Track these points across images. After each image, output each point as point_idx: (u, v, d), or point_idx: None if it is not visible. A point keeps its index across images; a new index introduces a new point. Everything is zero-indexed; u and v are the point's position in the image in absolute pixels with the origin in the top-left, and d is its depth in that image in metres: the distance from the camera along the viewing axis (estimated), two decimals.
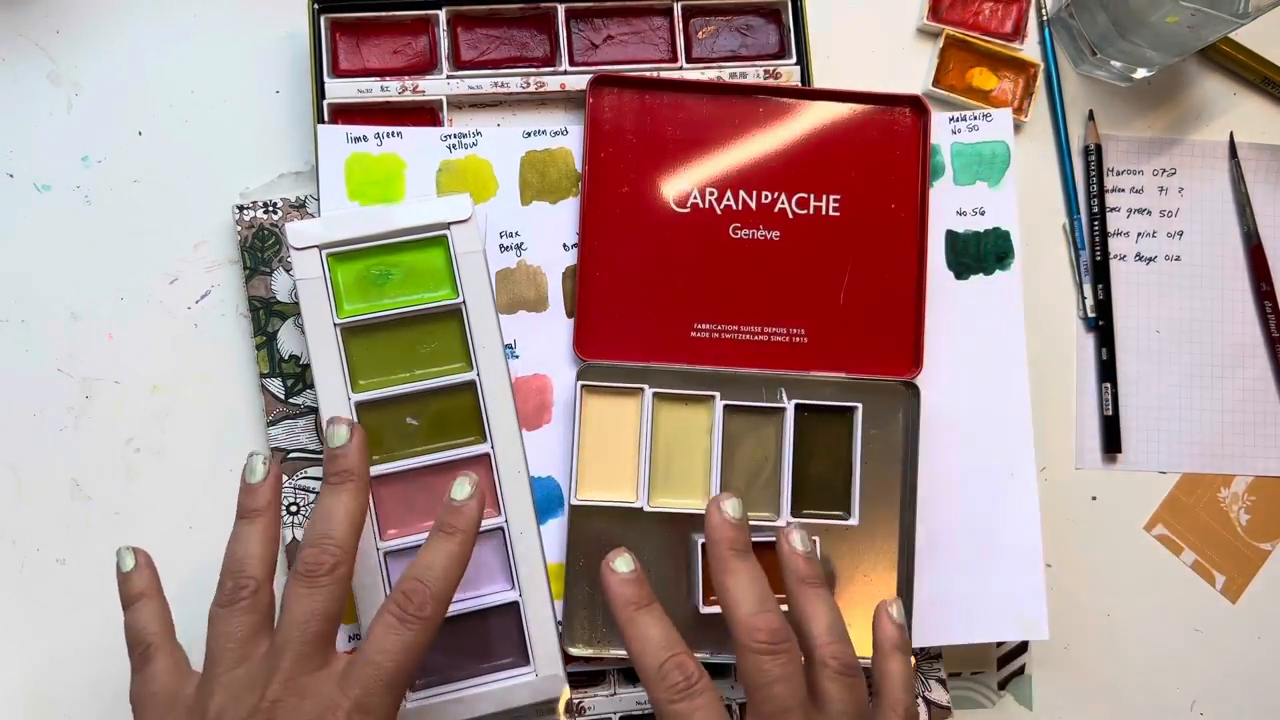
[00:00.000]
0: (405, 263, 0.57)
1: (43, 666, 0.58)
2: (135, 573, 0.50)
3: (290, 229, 0.55)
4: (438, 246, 0.57)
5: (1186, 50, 0.61)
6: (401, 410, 0.56)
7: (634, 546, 0.56)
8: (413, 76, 0.59)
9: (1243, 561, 0.65)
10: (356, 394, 0.55)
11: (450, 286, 0.57)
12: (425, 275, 0.57)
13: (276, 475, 0.50)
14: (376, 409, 0.56)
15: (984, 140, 0.62)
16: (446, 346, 0.57)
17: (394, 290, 0.57)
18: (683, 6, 0.61)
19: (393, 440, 0.56)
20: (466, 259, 0.56)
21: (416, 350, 0.56)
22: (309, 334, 0.55)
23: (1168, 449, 0.65)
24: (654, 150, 0.59)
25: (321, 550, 0.46)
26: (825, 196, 0.59)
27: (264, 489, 0.49)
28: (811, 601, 0.49)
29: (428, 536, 0.48)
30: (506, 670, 0.56)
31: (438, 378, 0.56)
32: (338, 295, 0.56)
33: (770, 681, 0.45)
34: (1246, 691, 0.64)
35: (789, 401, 0.58)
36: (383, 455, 0.56)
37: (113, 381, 0.59)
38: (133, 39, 0.61)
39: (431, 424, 0.56)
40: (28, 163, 0.60)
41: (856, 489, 0.58)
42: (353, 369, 0.56)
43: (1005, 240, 0.61)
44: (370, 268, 0.56)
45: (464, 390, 0.56)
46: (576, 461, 0.57)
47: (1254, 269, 0.65)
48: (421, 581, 0.46)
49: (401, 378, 0.56)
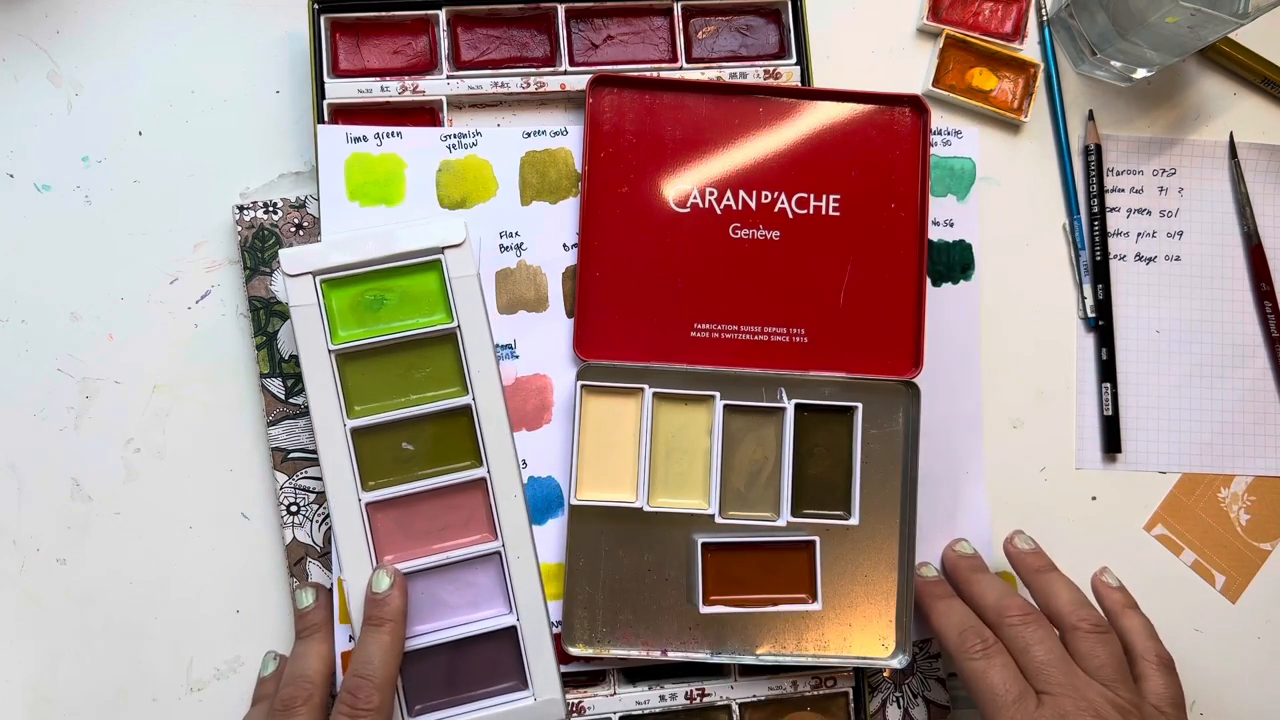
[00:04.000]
0: (399, 287, 0.57)
1: (43, 666, 0.58)
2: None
3: (284, 255, 0.55)
4: (432, 271, 0.57)
5: (1186, 50, 0.61)
6: (398, 435, 0.56)
7: (634, 546, 0.56)
8: (413, 76, 0.59)
9: (1243, 561, 0.65)
10: (352, 420, 0.55)
11: (445, 311, 0.57)
12: (420, 300, 0.57)
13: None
14: (372, 434, 0.56)
15: (954, 155, 0.64)
16: (441, 371, 0.57)
17: (388, 315, 0.56)
18: (683, 6, 0.61)
19: (388, 465, 0.56)
20: (461, 283, 0.56)
21: (411, 375, 0.57)
22: (303, 360, 0.55)
23: (1168, 449, 0.65)
24: (654, 150, 0.59)
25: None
26: (825, 196, 0.59)
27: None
28: (1049, 582, 0.57)
29: (360, 630, 0.54)
30: (505, 695, 0.56)
31: (433, 402, 0.56)
32: (332, 321, 0.56)
33: (1029, 645, 0.53)
34: (1246, 691, 0.64)
35: (789, 401, 0.58)
36: (378, 481, 0.56)
37: (113, 381, 0.59)
38: (133, 39, 0.61)
39: (427, 449, 0.57)
40: (28, 163, 0.60)
41: (857, 489, 0.58)
42: (348, 395, 0.56)
43: (968, 252, 0.63)
44: (364, 293, 0.56)
45: (459, 415, 0.56)
46: (576, 461, 0.57)
47: (1254, 269, 0.65)
48: (362, 677, 0.52)
49: (397, 403, 0.56)
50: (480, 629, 0.56)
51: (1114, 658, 0.53)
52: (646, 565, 0.57)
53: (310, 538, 0.58)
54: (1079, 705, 0.50)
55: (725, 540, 0.57)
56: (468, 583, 0.56)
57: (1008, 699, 0.51)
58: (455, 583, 0.56)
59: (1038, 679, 0.52)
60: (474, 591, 0.56)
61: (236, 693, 0.58)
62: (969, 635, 0.54)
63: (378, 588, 0.54)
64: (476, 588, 0.56)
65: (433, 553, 0.56)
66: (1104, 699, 0.51)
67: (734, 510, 0.58)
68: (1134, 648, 0.55)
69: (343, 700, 0.51)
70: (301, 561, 0.58)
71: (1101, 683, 0.52)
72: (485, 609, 0.57)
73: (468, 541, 0.56)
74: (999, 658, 0.53)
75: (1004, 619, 0.54)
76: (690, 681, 0.58)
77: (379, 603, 0.54)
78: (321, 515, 0.58)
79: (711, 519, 0.57)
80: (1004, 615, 0.55)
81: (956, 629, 0.55)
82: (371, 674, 0.51)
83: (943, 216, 0.63)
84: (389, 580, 0.54)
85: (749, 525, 0.57)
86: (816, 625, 0.57)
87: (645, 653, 0.56)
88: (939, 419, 0.62)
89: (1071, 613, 0.55)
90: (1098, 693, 0.51)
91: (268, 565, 0.59)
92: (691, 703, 0.58)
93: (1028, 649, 0.53)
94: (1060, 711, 0.50)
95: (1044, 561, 0.59)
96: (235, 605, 0.59)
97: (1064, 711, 0.50)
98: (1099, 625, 0.54)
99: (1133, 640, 0.55)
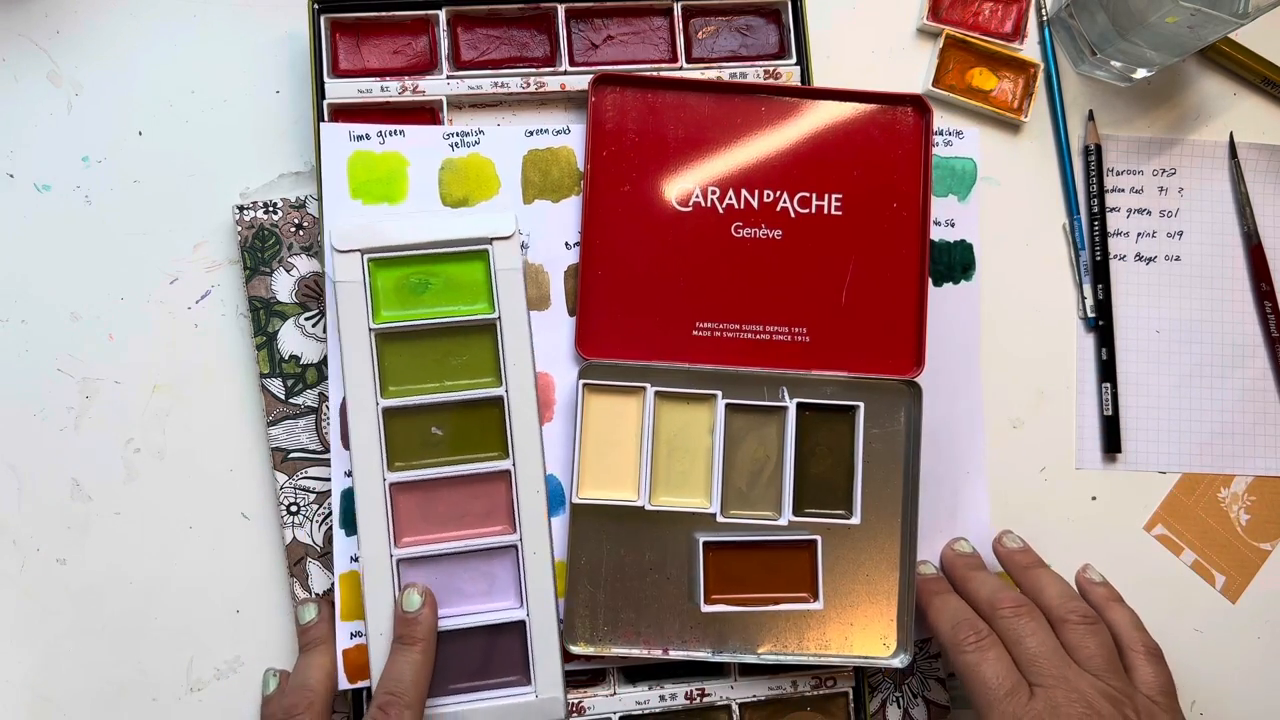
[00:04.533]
0: (445, 274, 0.57)
1: (43, 666, 0.58)
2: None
3: (334, 230, 0.56)
4: (478, 260, 0.57)
5: (1186, 50, 0.61)
6: (428, 420, 0.56)
7: (635, 545, 0.56)
8: (413, 77, 0.59)
9: (1243, 561, 0.65)
10: (385, 400, 0.56)
11: (487, 301, 0.57)
12: (463, 288, 0.57)
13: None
14: (403, 416, 0.56)
15: (956, 156, 0.64)
16: (478, 360, 0.57)
17: (431, 300, 0.57)
18: (683, 6, 0.61)
19: (416, 448, 0.56)
20: (505, 275, 0.57)
21: (448, 361, 0.57)
22: (343, 336, 0.55)
23: (1168, 449, 0.65)
24: (656, 149, 0.59)
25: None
26: (827, 196, 0.59)
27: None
28: (1037, 578, 0.57)
29: (391, 648, 0.54)
30: (507, 688, 0.56)
31: (467, 390, 0.56)
32: (376, 300, 0.56)
33: (1021, 637, 0.53)
34: (1246, 691, 0.64)
35: (791, 400, 0.58)
36: (405, 462, 0.56)
37: (113, 381, 0.59)
38: (133, 39, 0.61)
39: (456, 436, 0.57)
40: (28, 163, 0.59)
41: (858, 488, 0.58)
42: (383, 375, 0.56)
43: (969, 252, 0.63)
44: (410, 275, 0.57)
45: (491, 405, 0.57)
46: (578, 460, 0.57)
47: (1254, 269, 0.65)
48: (393, 694, 0.52)
49: (431, 387, 0.56)
50: (489, 620, 0.56)
51: (1104, 648, 0.53)
52: (648, 564, 0.56)
53: (310, 538, 0.58)
54: (1070, 696, 0.50)
55: (727, 539, 0.57)
56: (482, 573, 0.56)
57: (1000, 692, 0.51)
58: (470, 571, 0.56)
59: (1030, 670, 0.52)
60: (487, 582, 0.56)
61: (236, 693, 0.58)
62: (963, 628, 0.54)
63: (409, 607, 0.54)
64: (490, 579, 0.56)
65: (450, 539, 0.56)
66: (1095, 690, 0.51)
67: (735, 509, 0.58)
68: (1121, 639, 0.55)
69: (372, 716, 0.51)
70: (301, 561, 0.58)
71: (1092, 673, 0.52)
72: (496, 601, 0.57)
73: (486, 532, 0.56)
74: (993, 650, 0.53)
75: (997, 611, 0.55)
76: (690, 681, 0.58)
77: (411, 621, 0.54)
78: (322, 515, 0.58)
79: (713, 518, 0.57)
80: (997, 608, 0.55)
81: (950, 622, 0.55)
82: (403, 692, 0.52)
83: (943, 216, 0.63)
84: (420, 600, 0.55)
85: (750, 524, 0.57)
86: (818, 624, 0.57)
87: (646, 651, 0.56)
88: (939, 419, 0.62)
89: (1060, 605, 0.55)
90: (1089, 683, 0.51)
91: (268, 565, 0.59)
92: (691, 703, 0.58)
93: (1020, 640, 0.53)
94: (1052, 703, 0.50)
95: (1032, 558, 0.59)
96: (235, 605, 0.59)
97: (1056, 703, 0.50)
98: (1088, 617, 0.55)
99: (1120, 632, 0.56)
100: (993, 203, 0.64)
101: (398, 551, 0.55)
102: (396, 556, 0.55)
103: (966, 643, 0.54)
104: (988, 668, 0.52)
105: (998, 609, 0.55)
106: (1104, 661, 0.53)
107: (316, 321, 0.59)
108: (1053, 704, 0.50)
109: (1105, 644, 0.54)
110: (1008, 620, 0.54)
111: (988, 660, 0.53)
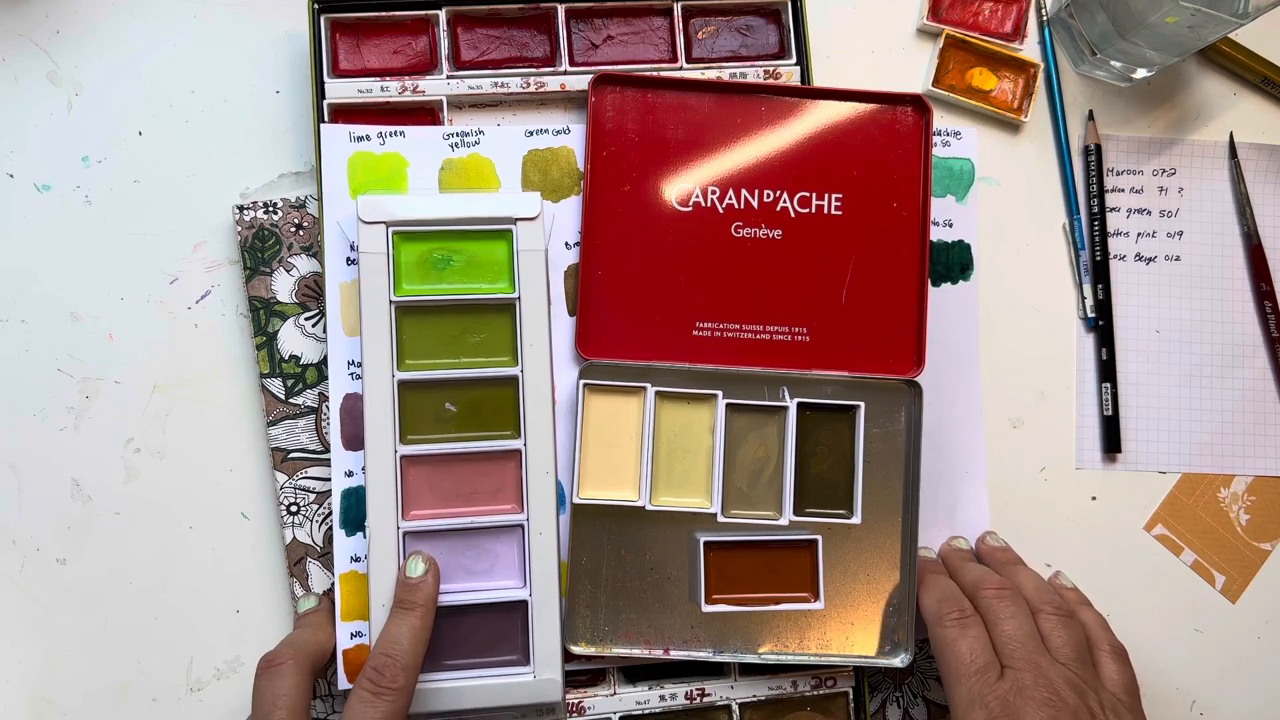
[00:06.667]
0: (468, 251, 0.57)
1: (43, 666, 0.58)
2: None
3: (362, 201, 0.56)
4: (502, 240, 0.57)
5: (1186, 50, 0.61)
6: (442, 395, 0.57)
7: (636, 545, 0.56)
8: (413, 77, 0.59)
9: (1243, 561, 0.65)
10: (401, 372, 0.56)
11: (508, 280, 0.57)
12: (485, 266, 0.57)
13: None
14: (417, 390, 0.56)
15: (954, 156, 0.64)
16: (495, 339, 0.57)
17: (453, 276, 0.57)
18: (683, 6, 0.61)
19: (428, 422, 0.56)
20: (528, 256, 0.57)
21: (465, 338, 0.57)
22: (364, 307, 0.55)
23: (1168, 449, 0.65)
24: (656, 149, 0.59)
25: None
26: (827, 195, 0.59)
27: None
28: (1015, 573, 0.59)
29: (390, 612, 0.54)
30: (505, 668, 0.56)
31: (483, 368, 0.56)
32: (398, 273, 0.56)
33: (1000, 619, 0.54)
34: (1246, 691, 0.64)
35: (791, 400, 0.58)
36: (417, 436, 0.56)
37: (113, 381, 0.59)
38: (133, 39, 0.61)
39: (469, 412, 0.57)
40: (28, 163, 0.59)
41: (859, 488, 0.58)
42: (401, 347, 0.56)
43: (967, 252, 0.64)
44: (433, 250, 0.57)
45: (506, 384, 0.57)
46: (579, 460, 0.57)
47: (1254, 269, 0.66)
48: (390, 656, 0.51)
49: (447, 363, 0.56)
50: (491, 598, 0.56)
51: (1075, 639, 0.54)
52: (649, 564, 0.56)
53: (310, 538, 0.58)
54: (1038, 681, 0.51)
55: (727, 539, 0.57)
56: (486, 550, 0.56)
57: (971, 668, 0.52)
58: (475, 549, 0.56)
59: (1004, 653, 0.53)
60: (491, 560, 0.56)
61: (236, 693, 0.58)
62: (947, 603, 0.55)
63: (412, 572, 0.54)
64: (495, 557, 0.56)
65: (458, 515, 0.56)
66: (1062, 678, 0.51)
67: (736, 509, 0.58)
68: (1090, 638, 0.56)
69: (367, 676, 0.50)
70: (301, 561, 0.58)
71: (1061, 662, 0.53)
72: (500, 579, 0.56)
73: (494, 510, 0.56)
74: (973, 629, 0.54)
75: (980, 591, 0.56)
76: (690, 681, 0.58)
77: (412, 587, 0.54)
78: (322, 515, 0.58)
79: (714, 518, 0.57)
80: (980, 587, 0.56)
81: (936, 597, 0.56)
82: (399, 654, 0.51)
83: (942, 217, 0.64)
84: (424, 566, 0.54)
85: (751, 524, 0.57)
86: (819, 624, 0.57)
87: (647, 651, 0.56)
88: (939, 419, 0.62)
89: (1035, 596, 0.56)
90: (1058, 672, 0.52)
91: (268, 565, 0.59)
92: (691, 703, 0.58)
93: (999, 622, 0.54)
94: (1019, 685, 0.51)
95: (1012, 556, 0.61)
96: (235, 605, 0.59)
97: (1023, 685, 0.51)
98: (1061, 609, 0.55)
99: (1089, 632, 0.56)
100: (993, 203, 0.64)
101: (405, 524, 0.55)
102: (403, 529, 0.55)
103: (949, 618, 0.54)
104: (964, 644, 0.53)
105: (981, 589, 0.56)
106: (1074, 652, 0.53)
107: (316, 321, 0.59)
108: (1019, 686, 0.51)
109: (1076, 636, 0.54)
110: (990, 600, 0.55)
111: (966, 637, 0.53)
